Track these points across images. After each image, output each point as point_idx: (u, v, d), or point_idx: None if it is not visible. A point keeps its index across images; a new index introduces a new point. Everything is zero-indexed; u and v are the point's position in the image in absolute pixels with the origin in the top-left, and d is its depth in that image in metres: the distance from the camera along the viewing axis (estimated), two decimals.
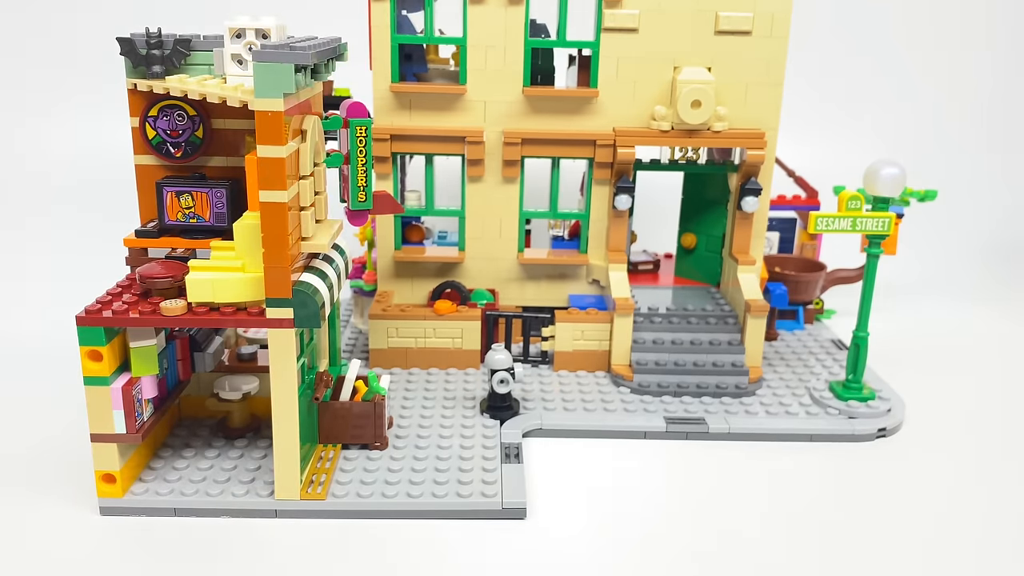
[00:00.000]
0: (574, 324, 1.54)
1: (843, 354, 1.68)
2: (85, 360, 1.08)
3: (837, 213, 1.39)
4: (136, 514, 1.13)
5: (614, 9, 1.49)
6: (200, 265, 1.08)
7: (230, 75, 1.10)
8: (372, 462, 1.24)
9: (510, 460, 1.26)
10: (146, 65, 1.15)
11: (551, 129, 1.54)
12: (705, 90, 1.49)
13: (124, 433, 1.11)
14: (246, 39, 1.09)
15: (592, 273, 1.63)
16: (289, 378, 1.10)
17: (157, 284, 1.10)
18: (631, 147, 1.52)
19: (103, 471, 1.13)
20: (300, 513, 1.14)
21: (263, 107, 0.99)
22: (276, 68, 0.98)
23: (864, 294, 1.45)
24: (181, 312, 1.07)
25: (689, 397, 1.47)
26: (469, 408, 1.41)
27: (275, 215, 1.03)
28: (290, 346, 1.09)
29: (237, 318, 1.08)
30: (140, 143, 1.20)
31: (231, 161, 1.23)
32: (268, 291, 1.06)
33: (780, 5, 1.50)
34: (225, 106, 1.18)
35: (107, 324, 1.06)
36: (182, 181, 1.18)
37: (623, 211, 1.57)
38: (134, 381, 1.11)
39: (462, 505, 1.16)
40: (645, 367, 1.50)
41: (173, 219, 1.19)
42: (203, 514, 1.14)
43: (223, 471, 1.20)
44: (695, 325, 1.55)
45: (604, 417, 1.40)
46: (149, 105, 1.18)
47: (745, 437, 1.38)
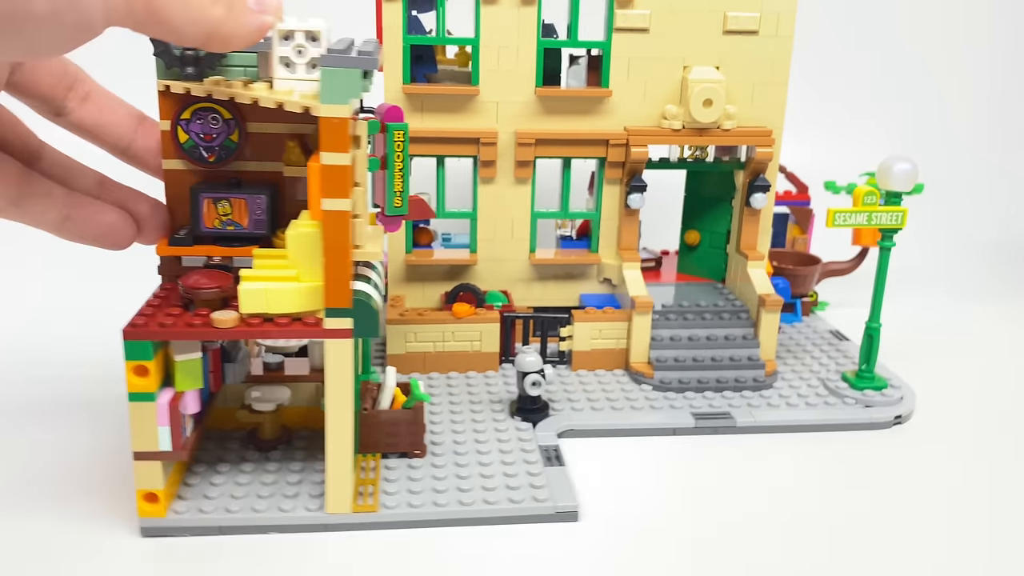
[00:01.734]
0: (592, 323, 1.54)
1: (844, 344, 1.73)
2: (130, 376, 1.03)
3: (853, 208, 1.42)
4: (180, 534, 1.09)
5: (626, 9, 1.50)
6: (252, 275, 1.04)
7: (277, 79, 1.06)
8: (415, 470, 1.22)
9: (552, 463, 1.25)
10: (180, 66, 1.11)
11: (564, 129, 1.54)
12: (716, 89, 1.50)
13: (169, 450, 1.07)
14: (295, 41, 1.06)
15: (603, 272, 1.64)
16: (345, 389, 1.07)
17: (203, 295, 1.06)
18: (644, 146, 1.53)
19: (145, 490, 1.08)
20: (352, 526, 1.12)
21: (329, 113, 0.96)
22: (344, 74, 0.95)
23: (876, 286, 1.49)
24: (234, 324, 1.03)
25: (711, 392, 1.48)
26: (498, 411, 1.40)
27: (338, 223, 1.00)
28: (348, 356, 1.06)
29: (292, 329, 1.05)
30: (170, 147, 1.16)
31: (264, 166, 1.19)
32: (328, 301, 1.03)
33: (785, 5, 1.53)
34: (261, 109, 1.15)
35: (156, 338, 1.02)
36: (219, 187, 1.14)
37: (635, 210, 1.58)
38: (179, 396, 1.07)
39: (515, 511, 1.15)
40: (665, 364, 1.51)
41: (209, 226, 1.14)
42: (250, 531, 1.10)
43: (263, 485, 1.17)
44: (709, 321, 1.57)
45: (632, 415, 1.41)
46: (181, 108, 1.14)
47: (770, 429, 1.41)
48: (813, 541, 1.13)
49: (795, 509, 1.20)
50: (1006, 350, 1.79)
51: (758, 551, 1.10)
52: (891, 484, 1.27)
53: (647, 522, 1.16)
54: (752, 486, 1.25)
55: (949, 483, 1.27)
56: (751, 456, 1.34)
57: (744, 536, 1.13)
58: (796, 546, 1.12)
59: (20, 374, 1.55)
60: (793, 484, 1.26)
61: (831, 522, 1.17)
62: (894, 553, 1.10)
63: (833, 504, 1.21)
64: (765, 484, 1.26)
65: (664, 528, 1.15)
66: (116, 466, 1.25)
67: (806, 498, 1.23)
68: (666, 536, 1.13)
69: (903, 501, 1.22)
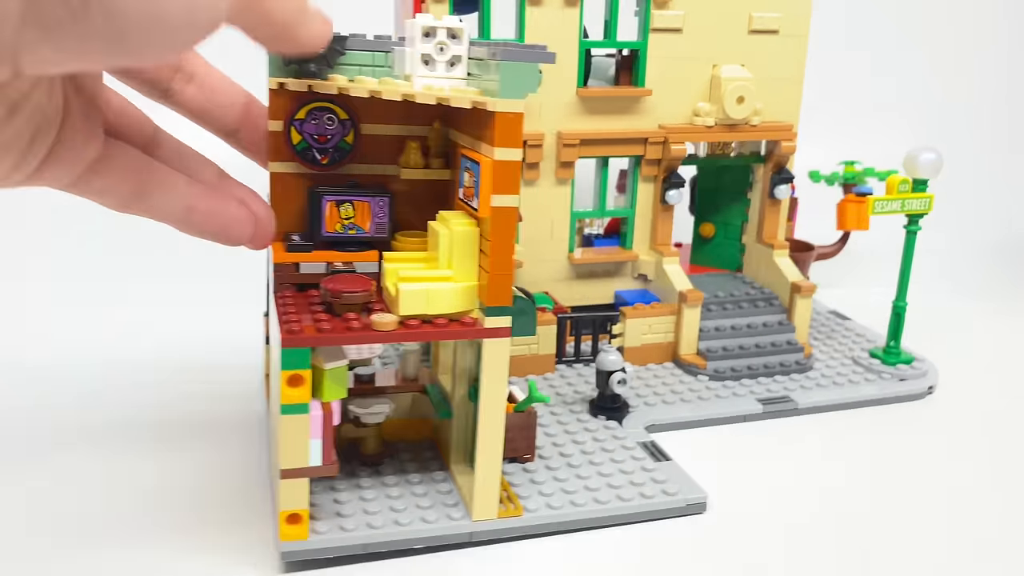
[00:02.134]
0: (641, 319, 1.56)
1: (850, 324, 1.84)
2: (284, 387, 0.96)
3: (888, 196, 1.52)
4: (324, 555, 1.03)
5: (662, 10, 1.54)
6: (410, 276, 1.00)
7: (417, 76, 1.02)
8: (533, 474, 1.20)
9: (659, 458, 1.26)
10: (299, 63, 1.05)
11: (604, 129, 1.56)
12: (748, 86, 1.57)
13: (319, 465, 1.01)
14: (436, 39, 1.02)
15: (639, 268, 1.67)
16: (499, 392, 1.05)
17: (350, 299, 1.00)
18: (682, 143, 1.57)
19: (289, 511, 1.01)
20: (498, 532, 1.09)
21: (505, 108, 0.94)
22: (523, 68, 0.93)
23: (903, 267, 1.60)
24: (394, 327, 0.99)
25: (763, 378, 1.54)
26: (578, 411, 1.40)
27: (505, 220, 0.98)
28: (504, 357, 1.04)
29: (450, 330, 1.01)
30: (279, 148, 1.09)
31: (375, 168, 1.15)
32: (490, 299, 1.00)
33: (801, 5, 1.61)
34: (377, 110, 1.11)
35: (316, 344, 0.96)
36: (341, 189, 1.09)
37: (671, 205, 1.62)
38: (328, 407, 1.01)
39: (648, 506, 1.15)
40: (716, 354, 1.55)
41: (331, 230, 1.09)
42: (397, 546, 1.06)
43: (391, 499, 1.12)
44: (746, 310, 1.63)
45: (705, 406, 1.44)
46: (295, 107, 1.08)
47: (826, 408, 1.48)
48: (934, 508, 1.20)
49: (897, 480, 1.27)
50: (1004, 342, 1.88)
51: (885, 524, 1.16)
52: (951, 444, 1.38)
53: (768, 507, 1.19)
54: (843, 462, 1.32)
55: (991, 443, 1.39)
56: (824, 436, 1.40)
57: (865, 510, 1.19)
58: (920, 514, 1.18)
59: (107, 398, 1.44)
60: (878, 456, 1.34)
61: (935, 488, 1.25)
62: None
63: (929, 472, 1.29)
64: (852, 459, 1.33)
65: (789, 509, 1.19)
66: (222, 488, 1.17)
67: (900, 468, 1.30)
68: (791, 519, 1.17)
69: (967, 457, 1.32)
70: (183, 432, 1.33)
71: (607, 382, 1.36)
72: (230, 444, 1.29)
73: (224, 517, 1.11)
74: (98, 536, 1.07)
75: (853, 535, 1.12)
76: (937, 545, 1.11)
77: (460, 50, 1.04)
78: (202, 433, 1.33)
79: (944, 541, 1.12)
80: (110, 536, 1.07)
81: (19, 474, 1.20)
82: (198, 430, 1.33)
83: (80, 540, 1.06)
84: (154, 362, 1.57)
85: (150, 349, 1.63)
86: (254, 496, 1.16)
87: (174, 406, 1.41)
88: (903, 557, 1.08)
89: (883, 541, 1.11)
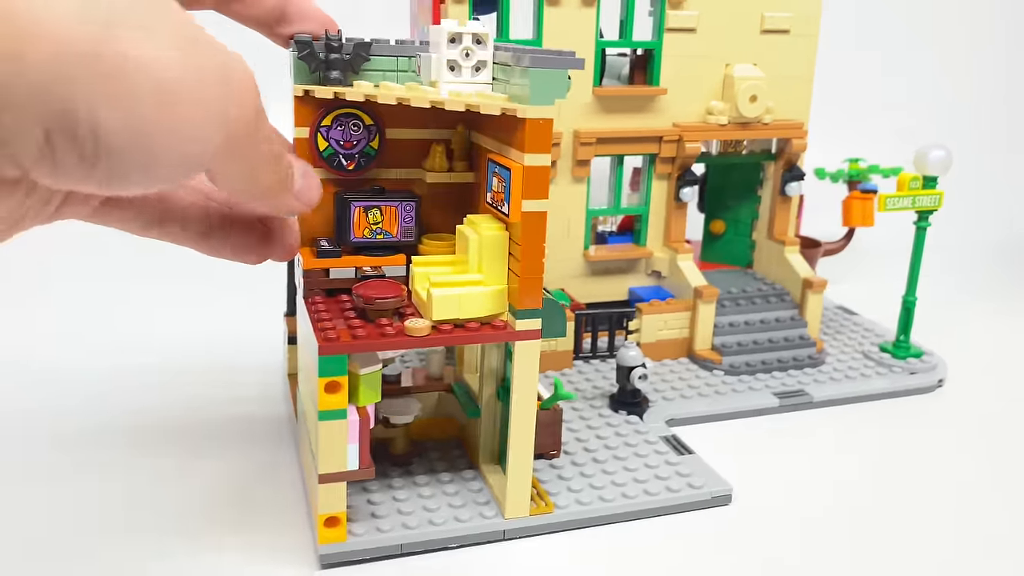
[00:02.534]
0: (657, 315, 1.58)
1: (857, 319, 1.86)
2: (322, 393, 0.98)
3: (899, 193, 1.54)
4: (361, 556, 1.05)
5: (677, 10, 1.55)
6: (443, 281, 1.02)
7: (444, 82, 1.04)
8: (560, 470, 1.22)
9: (681, 452, 1.29)
10: (325, 70, 1.06)
11: (620, 127, 1.57)
12: (760, 85, 1.59)
13: (356, 469, 1.02)
14: (462, 44, 1.04)
15: (652, 265, 1.68)
16: (530, 392, 1.07)
17: (384, 304, 1.02)
18: (697, 141, 1.59)
19: (327, 514, 1.03)
20: (530, 529, 1.11)
21: (535, 115, 0.96)
22: (552, 75, 0.95)
23: (913, 263, 1.62)
24: (427, 332, 1.01)
25: (777, 372, 1.56)
26: (598, 407, 1.42)
27: (536, 224, 1.00)
28: (535, 358, 1.05)
29: (482, 333, 1.03)
30: (305, 155, 1.10)
31: (399, 173, 1.16)
32: (521, 302, 1.02)
33: (812, 5, 1.63)
34: (402, 115, 1.12)
35: (353, 351, 0.98)
36: (367, 195, 1.11)
37: (685, 203, 1.64)
38: (364, 411, 1.03)
39: (675, 500, 1.18)
40: (731, 349, 1.57)
41: (359, 236, 1.11)
42: (432, 545, 1.08)
43: (423, 499, 1.14)
44: (759, 305, 1.65)
45: (721, 400, 1.46)
46: (321, 114, 1.09)
47: (840, 402, 1.50)
48: (950, 499, 1.22)
49: (912, 472, 1.29)
50: (1007, 338, 1.89)
51: (904, 516, 1.19)
52: (963, 435, 1.40)
53: (787, 500, 1.22)
54: (860, 455, 1.34)
55: (1002, 435, 1.42)
56: (839, 429, 1.43)
57: (884, 502, 1.22)
58: (938, 506, 1.21)
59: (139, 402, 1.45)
60: (893, 449, 1.36)
61: (950, 480, 1.27)
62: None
63: (942, 464, 1.32)
64: (868, 452, 1.35)
65: (807, 504, 1.21)
66: (253, 490, 1.18)
67: (914, 460, 1.33)
68: (813, 510, 1.19)
69: (981, 447, 1.35)
70: (209, 435, 1.34)
71: (628, 378, 1.38)
72: (257, 446, 1.31)
73: (258, 519, 1.13)
74: (134, 538, 1.08)
75: (873, 527, 1.15)
76: (953, 536, 1.14)
77: (485, 55, 1.06)
78: (228, 435, 1.34)
79: (961, 533, 1.14)
80: (147, 537, 1.08)
81: (56, 477, 1.21)
82: (223, 432, 1.35)
83: (118, 541, 1.07)
84: (170, 364, 1.58)
85: (162, 350, 1.64)
86: (286, 497, 1.18)
87: (197, 408, 1.42)
88: (922, 548, 1.11)
89: (902, 533, 1.14)
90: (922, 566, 1.07)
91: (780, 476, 1.27)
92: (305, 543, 1.08)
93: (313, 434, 1.06)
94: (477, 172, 1.16)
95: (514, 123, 0.99)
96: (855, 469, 1.30)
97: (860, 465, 1.31)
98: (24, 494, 1.17)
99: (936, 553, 1.10)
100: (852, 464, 1.31)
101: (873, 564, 1.07)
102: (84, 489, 1.18)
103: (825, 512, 1.18)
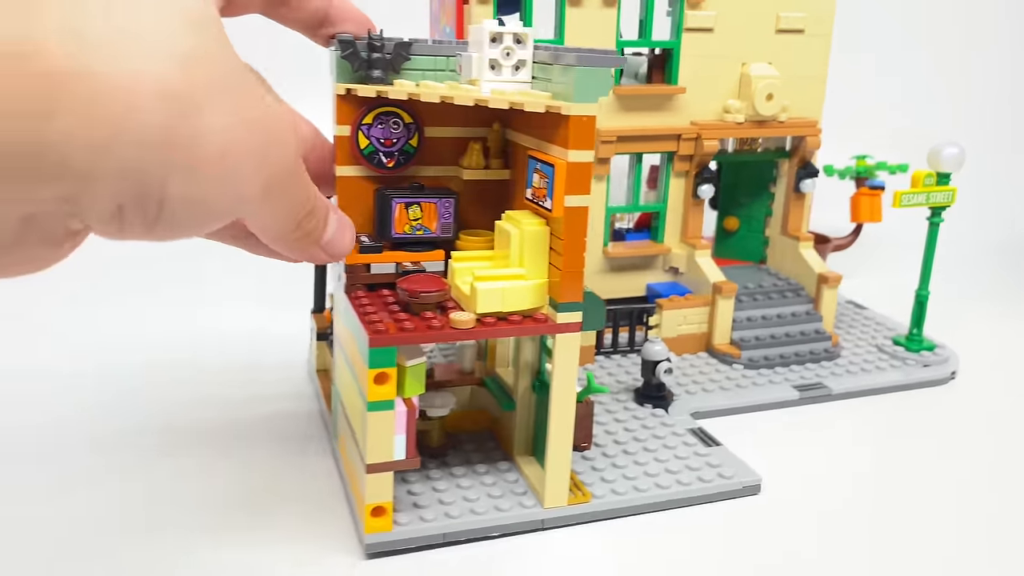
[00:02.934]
0: (677, 310, 1.61)
1: (868, 312, 1.89)
2: (371, 385, 1.00)
3: (913, 189, 1.57)
4: (406, 545, 1.07)
5: (695, 10, 1.58)
6: (486, 275, 1.04)
7: (485, 80, 1.06)
8: (591, 462, 1.25)
9: (710, 443, 1.31)
10: (367, 69, 1.08)
11: (638, 125, 1.60)
12: (777, 84, 1.62)
13: (403, 459, 1.04)
14: (503, 44, 1.06)
15: (670, 261, 1.71)
16: (570, 384, 1.09)
17: (428, 298, 1.04)
18: (715, 139, 1.61)
19: (374, 504, 1.05)
20: (568, 519, 1.14)
21: (579, 112, 0.98)
22: (597, 73, 0.97)
23: (926, 258, 1.66)
24: (472, 324, 1.03)
25: (795, 366, 1.59)
26: (624, 400, 1.44)
27: (578, 219, 1.02)
28: (575, 351, 1.08)
29: (524, 326, 1.05)
30: (346, 153, 1.12)
31: (437, 170, 1.19)
32: (563, 295, 1.04)
33: (826, 5, 1.66)
34: (440, 113, 1.15)
35: (401, 343, 1.00)
36: (407, 191, 1.13)
37: (702, 199, 1.67)
38: (410, 402, 1.05)
39: (706, 490, 1.20)
40: (749, 344, 1.60)
41: (400, 232, 1.13)
42: (474, 534, 1.10)
43: (462, 489, 1.16)
44: (775, 300, 1.68)
45: (743, 393, 1.49)
46: (363, 112, 1.11)
47: (858, 394, 1.54)
48: (973, 484, 1.26)
49: (931, 460, 1.33)
50: (1009, 333, 1.91)
51: (932, 503, 1.22)
52: (978, 425, 1.43)
53: (812, 489, 1.25)
54: (879, 446, 1.37)
55: (1015, 426, 1.45)
56: (858, 420, 1.46)
57: (909, 491, 1.25)
58: (964, 492, 1.24)
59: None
60: (910, 439, 1.40)
61: (971, 467, 1.31)
62: None
63: (960, 453, 1.35)
64: (887, 442, 1.39)
65: (841, 490, 1.24)
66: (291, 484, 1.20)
67: (932, 451, 1.36)
68: (837, 500, 1.22)
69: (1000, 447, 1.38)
70: (237, 432, 1.35)
71: (653, 371, 1.41)
72: (288, 441, 1.32)
73: (297, 511, 1.15)
74: (180, 532, 1.10)
75: (904, 516, 1.18)
76: (978, 526, 1.17)
77: (525, 54, 1.08)
78: (256, 432, 1.35)
79: (981, 523, 1.18)
80: (187, 532, 1.10)
81: (90, 478, 1.22)
82: (251, 429, 1.36)
83: (163, 536, 1.09)
84: (191, 362, 1.60)
85: (188, 348, 1.66)
86: (321, 489, 1.20)
87: (223, 406, 1.43)
88: (942, 538, 1.14)
89: (925, 520, 1.17)
90: (944, 556, 1.10)
91: (804, 466, 1.30)
92: (345, 532, 1.10)
93: (358, 425, 1.08)
94: (513, 169, 1.18)
95: (557, 120, 1.01)
96: (876, 460, 1.33)
97: (880, 455, 1.34)
98: (60, 496, 1.18)
99: (958, 543, 1.13)
100: (872, 455, 1.34)
101: (903, 548, 1.10)
102: (126, 488, 1.20)
103: (846, 503, 1.21)
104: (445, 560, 1.06)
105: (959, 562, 1.08)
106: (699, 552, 1.09)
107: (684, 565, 1.07)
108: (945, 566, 1.08)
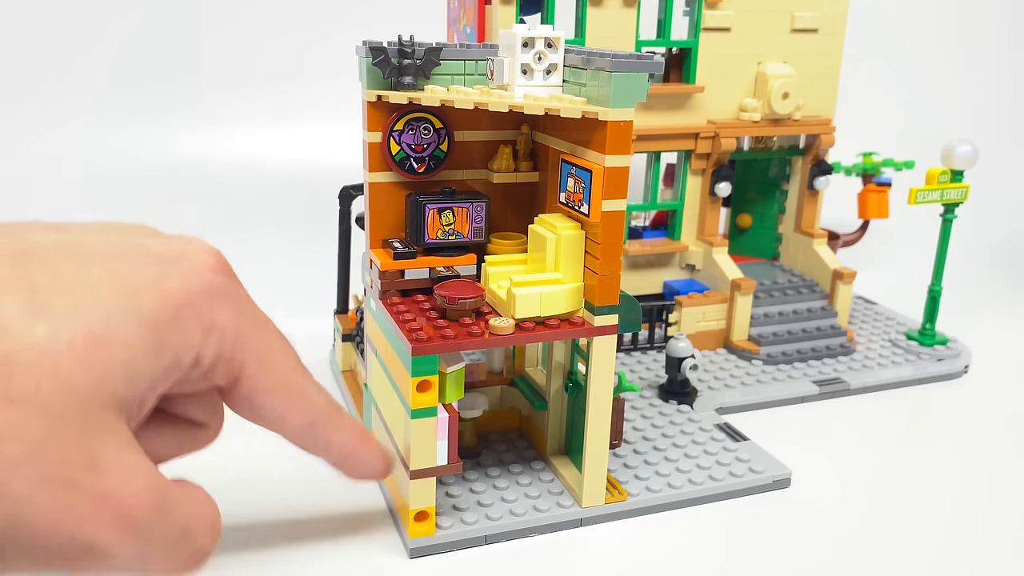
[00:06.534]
0: (696, 307, 1.63)
1: (878, 308, 1.92)
2: (414, 393, 1.01)
3: (928, 186, 1.59)
4: (449, 549, 1.08)
5: (713, 10, 1.59)
6: (524, 280, 1.05)
7: (517, 85, 1.07)
8: (622, 458, 1.26)
9: (737, 438, 1.33)
10: (398, 75, 1.09)
11: (656, 124, 1.61)
12: (793, 82, 1.63)
13: (446, 464, 1.06)
14: (535, 49, 1.07)
15: (687, 258, 1.73)
16: (606, 384, 1.10)
17: (467, 304, 1.05)
18: (733, 137, 1.63)
19: (417, 509, 1.06)
20: (605, 516, 1.15)
21: (616, 117, 0.99)
22: (633, 78, 0.98)
23: (939, 253, 1.68)
24: (512, 330, 1.04)
25: (813, 361, 1.61)
26: (648, 397, 1.46)
27: (615, 223, 1.03)
28: (611, 352, 1.09)
29: (562, 330, 1.07)
30: (377, 159, 1.13)
31: (466, 174, 1.20)
32: (600, 299, 1.06)
33: (839, 5, 1.68)
34: (468, 118, 1.16)
35: (444, 350, 1.01)
36: (439, 197, 1.14)
37: (719, 197, 1.68)
38: (452, 408, 1.06)
39: (739, 484, 1.22)
40: (767, 339, 1.62)
41: (433, 237, 1.14)
42: (514, 535, 1.11)
43: (499, 490, 1.17)
44: (791, 297, 1.70)
45: (764, 389, 1.51)
46: (394, 119, 1.12)
47: (876, 388, 1.56)
48: (995, 475, 1.28)
49: (951, 452, 1.35)
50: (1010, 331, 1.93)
51: (966, 492, 1.24)
52: (996, 425, 1.46)
53: (846, 480, 1.27)
54: (901, 438, 1.40)
55: None
56: (878, 414, 1.48)
57: (939, 480, 1.27)
58: (991, 483, 1.26)
59: None
60: (930, 431, 1.42)
61: (990, 459, 1.33)
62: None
63: (979, 444, 1.37)
64: (907, 435, 1.41)
65: (869, 482, 1.26)
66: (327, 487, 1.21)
67: (951, 442, 1.38)
68: (872, 490, 1.24)
69: None
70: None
71: (679, 368, 1.42)
72: None
73: (339, 512, 1.16)
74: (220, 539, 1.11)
75: (933, 507, 1.20)
76: (1006, 518, 1.19)
77: (556, 59, 1.09)
78: None
79: (1005, 514, 1.20)
80: (229, 535, 1.11)
81: None
82: None
83: None
84: None
85: None
86: (355, 491, 1.20)
87: None
88: (969, 529, 1.16)
89: (962, 511, 1.19)
90: (975, 542, 1.12)
91: (830, 460, 1.32)
92: (385, 533, 1.11)
93: (398, 431, 1.09)
94: (542, 172, 1.19)
95: (593, 125, 1.02)
96: (899, 452, 1.35)
97: (902, 448, 1.36)
98: None
99: (985, 532, 1.15)
100: (895, 447, 1.36)
101: (934, 537, 1.12)
102: None
103: (873, 495, 1.23)
104: (484, 558, 1.07)
105: (989, 549, 1.10)
106: (735, 545, 1.11)
107: (722, 558, 1.08)
108: (977, 552, 1.10)
